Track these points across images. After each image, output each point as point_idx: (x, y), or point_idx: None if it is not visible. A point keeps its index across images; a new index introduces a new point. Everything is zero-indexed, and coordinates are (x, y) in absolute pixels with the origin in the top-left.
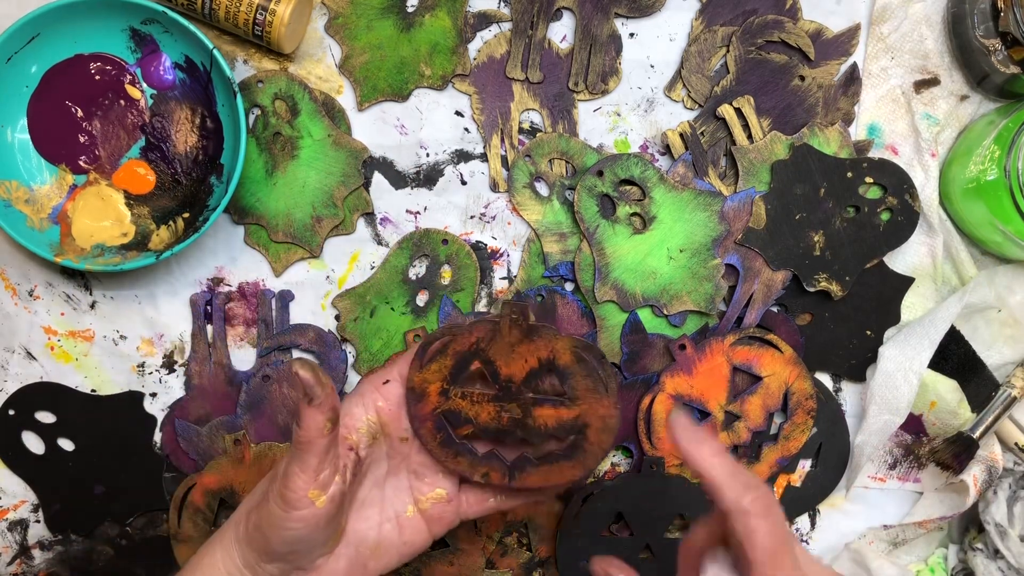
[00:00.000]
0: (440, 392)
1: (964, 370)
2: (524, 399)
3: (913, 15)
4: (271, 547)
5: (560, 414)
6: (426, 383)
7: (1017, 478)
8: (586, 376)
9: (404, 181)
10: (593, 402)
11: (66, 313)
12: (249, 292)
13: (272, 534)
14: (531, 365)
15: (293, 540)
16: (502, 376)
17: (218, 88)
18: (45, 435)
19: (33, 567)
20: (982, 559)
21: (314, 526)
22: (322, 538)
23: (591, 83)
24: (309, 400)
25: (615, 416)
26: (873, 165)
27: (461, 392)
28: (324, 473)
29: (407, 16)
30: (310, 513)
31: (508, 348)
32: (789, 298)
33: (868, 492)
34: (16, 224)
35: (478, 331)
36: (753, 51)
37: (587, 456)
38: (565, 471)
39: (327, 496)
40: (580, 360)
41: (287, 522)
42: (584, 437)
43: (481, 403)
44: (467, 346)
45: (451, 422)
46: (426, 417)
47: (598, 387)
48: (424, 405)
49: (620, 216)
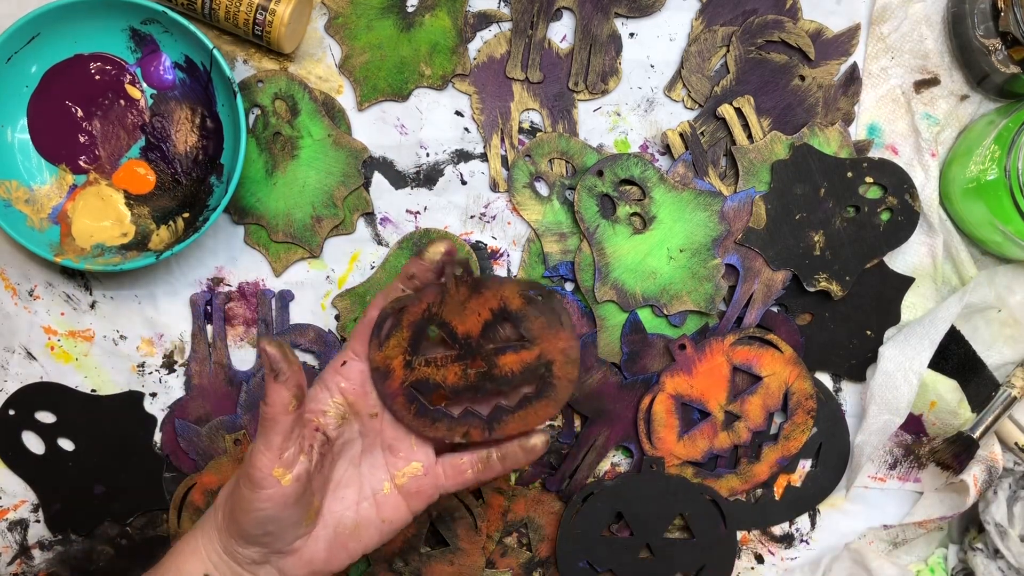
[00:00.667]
0: (404, 365)
1: (964, 370)
2: (486, 351)
3: (913, 15)
4: (244, 530)
5: (523, 357)
6: (388, 359)
7: (1017, 478)
8: (539, 315)
9: (404, 181)
10: (551, 338)
11: (66, 313)
12: (249, 292)
13: (242, 516)
14: (485, 318)
15: (263, 520)
16: (460, 335)
17: (218, 88)
18: (45, 435)
19: (33, 567)
20: (982, 559)
21: (281, 505)
22: (293, 518)
23: (591, 83)
24: (275, 375)
25: (575, 346)
26: (873, 165)
27: (424, 360)
28: (288, 452)
29: (407, 16)
30: (276, 492)
31: (459, 307)
32: (789, 298)
33: (868, 492)
34: (16, 224)
35: (427, 297)
36: (753, 51)
37: (557, 391)
38: (540, 411)
39: (292, 475)
40: (530, 301)
41: (255, 502)
42: (550, 373)
43: (446, 365)
44: (419, 314)
45: (421, 391)
46: (396, 392)
47: (552, 323)
48: (391, 381)
49: (620, 216)
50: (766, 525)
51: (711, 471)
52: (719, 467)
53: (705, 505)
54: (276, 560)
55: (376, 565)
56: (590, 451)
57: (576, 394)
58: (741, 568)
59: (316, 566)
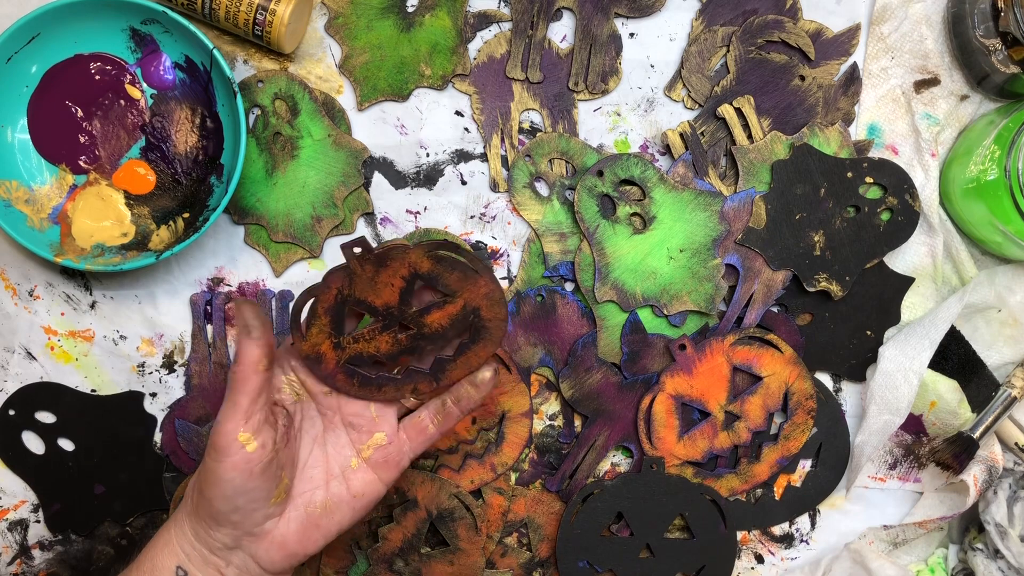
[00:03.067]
0: (334, 347)
1: (964, 370)
2: (410, 315)
3: (913, 15)
4: (213, 506)
5: (448, 311)
6: (316, 346)
7: (1017, 478)
8: (452, 270)
9: (404, 181)
10: (471, 287)
11: (66, 313)
12: (249, 292)
13: (209, 490)
14: (399, 286)
15: (231, 492)
16: (380, 307)
17: (218, 88)
18: (45, 435)
19: (33, 567)
20: (982, 559)
21: (247, 473)
22: (261, 492)
23: (591, 83)
24: (248, 331)
25: (496, 288)
26: (873, 165)
27: (352, 337)
28: (255, 417)
29: (407, 16)
30: (241, 459)
31: (370, 283)
32: (789, 298)
33: (868, 492)
34: (16, 224)
35: (334, 282)
36: (753, 51)
37: (491, 332)
38: (480, 352)
39: (258, 441)
40: (439, 260)
41: (220, 472)
42: (479, 318)
43: (375, 337)
44: (332, 299)
45: (358, 365)
46: (333, 372)
47: (468, 273)
48: (325, 364)
49: (620, 216)
50: (766, 525)
51: (711, 471)
52: (719, 467)
53: (705, 505)
54: (248, 544)
55: (376, 565)
56: (590, 451)
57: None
58: (741, 568)
59: (290, 548)
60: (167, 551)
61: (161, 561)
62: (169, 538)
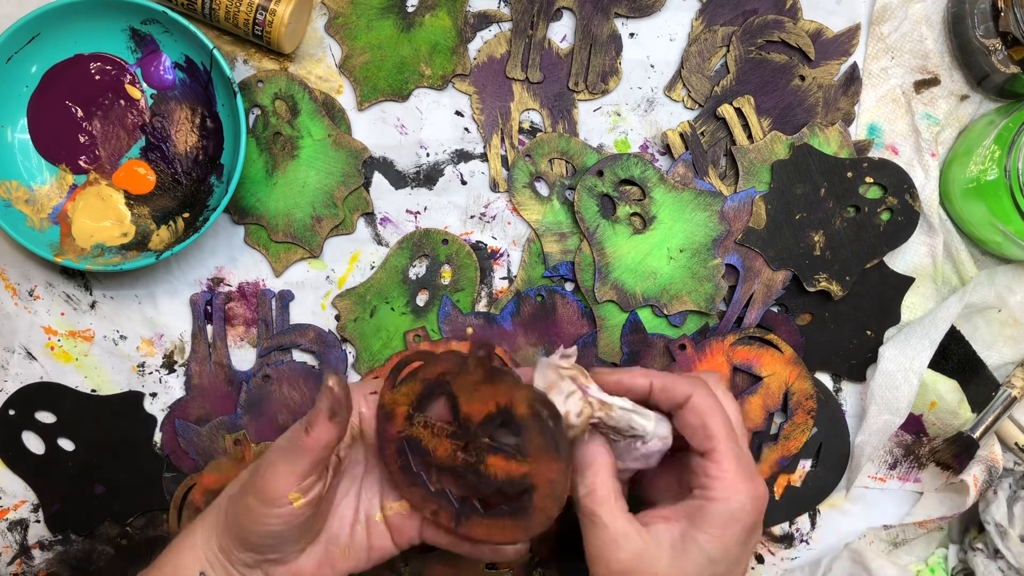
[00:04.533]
0: (406, 417)
1: (964, 370)
2: (479, 443)
3: (913, 15)
4: (246, 537)
5: (510, 467)
6: (395, 404)
7: (1017, 478)
8: (540, 433)
9: (404, 181)
10: (543, 462)
11: (66, 313)
12: (249, 292)
13: (247, 526)
14: (489, 409)
15: (267, 535)
16: (462, 413)
17: (218, 88)
18: (45, 435)
19: (33, 567)
20: (982, 559)
21: (289, 524)
22: (296, 535)
23: (591, 83)
24: (331, 415)
25: (563, 484)
26: (873, 165)
27: (424, 420)
28: (309, 479)
29: (407, 16)
30: (287, 512)
31: (471, 386)
32: (789, 298)
33: (868, 492)
34: (16, 224)
35: (446, 362)
36: (753, 51)
37: (531, 520)
38: (508, 529)
39: (306, 500)
40: (536, 415)
41: (263, 518)
42: (530, 499)
43: (441, 436)
44: (434, 375)
45: (412, 449)
46: (391, 439)
47: (550, 447)
48: (391, 426)
49: (620, 216)
50: (766, 525)
51: None
52: None
53: None
54: (267, 567)
55: None
56: None
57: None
58: None
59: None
60: (192, 555)
61: (186, 564)
62: (194, 543)
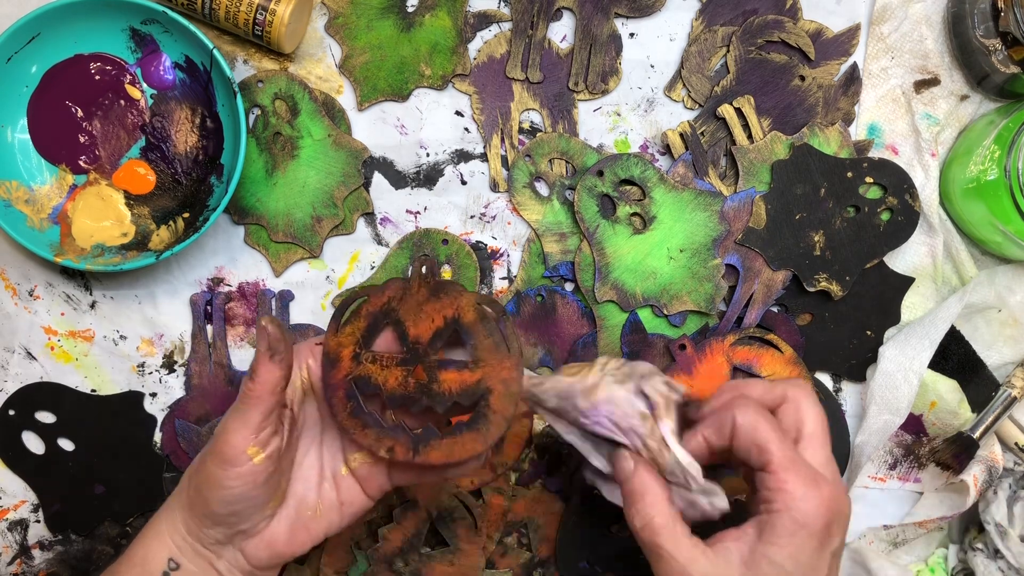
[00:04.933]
0: (352, 357)
1: (964, 370)
2: (430, 361)
3: (913, 15)
4: (211, 508)
5: (463, 377)
6: (340, 347)
7: (1017, 478)
8: (488, 335)
9: (404, 181)
10: (495, 363)
11: (66, 313)
12: (249, 292)
13: (211, 494)
14: (437, 324)
15: (232, 499)
16: (411, 337)
17: (218, 88)
18: (45, 435)
19: (33, 567)
20: (982, 559)
21: (251, 483)
22: (262, 498)
23: (591, 83)
24: (272, 354)
25: (517, 379)
26: (873, 165)
27: (372, 356)
28: (265, 431)
29: (407, 16)
30: (247, 470)
31: (417, 307)
32: (789, 298)
33: (868, 492)
34: (16, 224)
35: (390, 289)
36: (753, 51)
37: (490, 425)
38: (468, 444)
39: (265, 454)
40: (483, 317)
41: (224, 480)
42: (487, 404)
43: (390, 367)
44: (379, 305)
45: (361, 389)
46: (338, 384)
47: (500, 345)
48: (337, 371)
49: (620, 216)
50: None
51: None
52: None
53: None
54: (239, 541)
55: (376, 565)
56: None
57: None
58: None
59: (278, 547)
60: (158, 542)
61: (153, 552)
62: (160, 530)
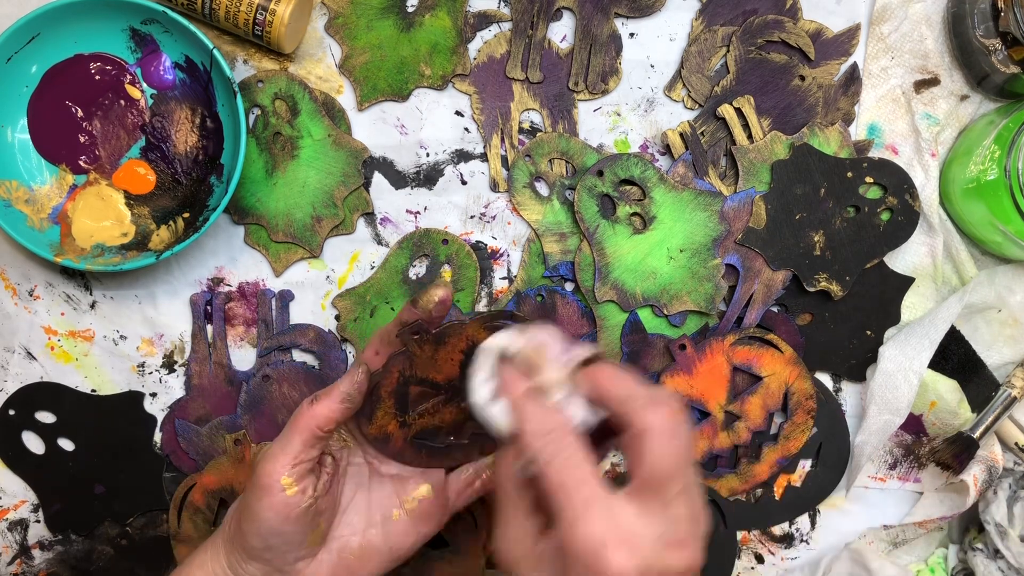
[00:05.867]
0: (400, 425)
1: (964, 370)
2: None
3: (913, 15)
4: (247, 541)
5: None
6: (382, 428)
7: (1017, 478)
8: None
9: (404, 181)
10: None
11: (66, 313)
12: (249, 292)
13: (247, 525)
14: (458, 360)
15: (265, 531)
16: (442, 382)
17: (218, 88)
18: (45, 435)
19: (33, 567)
20: (982, 559)
21: (284, 516)
22: (296, 535)
23: (591, 83)
24: (344, 398)
25: None
26: (873, 165)
27: (417, 414)
28: (302, 465)
29: (407, 16)
30: (280, 500)
31: (430, 361)
32: (789, 298)
33: (868, 492)
34: (16, 224)
35: (395, 367)
36: (753, 51)
37: None
38: None
39: (299, 487)
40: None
41: (259, 509)
42: None
43: (439, 411)
44: (394, 383)
45: (426, 438)
46: (402, 449)
47: None
48: (393, 443)
49: (620, 216)
50: (766, 525)
51: (711, 471)
52: (719, 467)
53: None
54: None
55: None
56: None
57: None
58: (741, 568)
59: None
60: (201, 572)
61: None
62: (204, 560)
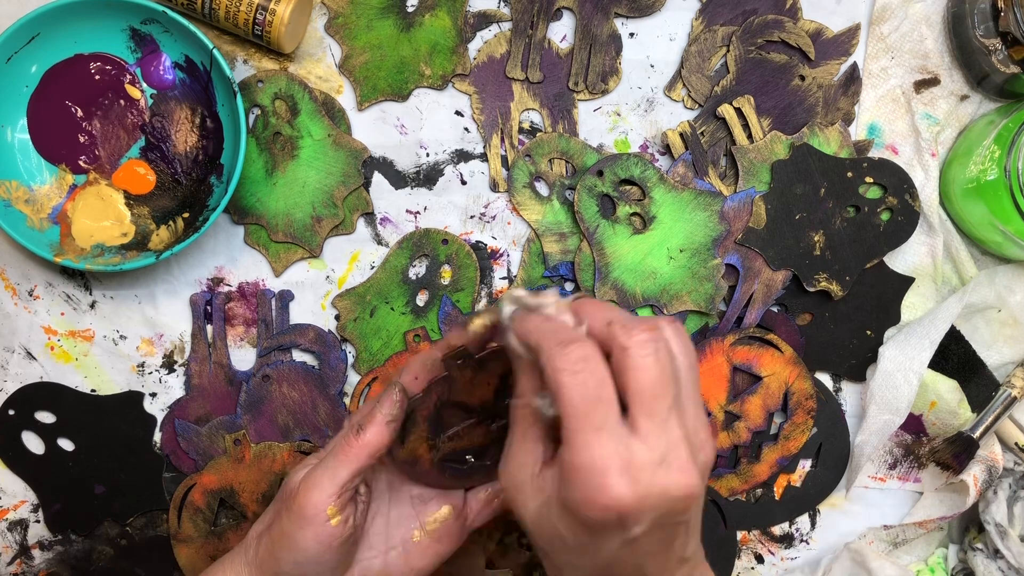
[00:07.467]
0: (429, 448)
1: (964, 370)
2: (503, 406)
3: (913, 15)
4: (281, 568)
5: None
6: (413, 451)
7: (1017, 478)
8: None
9: (404, 181)
10: None
11: (66, 313)
12: (249, 292)
13: (283, 554)
14: (495, 385)
15: (304, 560)
16: (476, 406)
17: (218, 88)
18: (45, 435)
19: (33, 567)
20: (982, 559)
21: (326, 546)
22: (333, 563)
23: (591, 83)
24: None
25: None
26: (873, 165)
27: (447, 437)
28: (347, 494)
29: (407, 16)
30: (324, 531)
31: (468, 385)
32: (789, 298)
33: (868, 492)
34: (16, 224)
35: (435, 392)
36: (753, 51)
37: None
38: None
39: (343, 516)
40: None
41: (300, 539)
42: None
43: (472, 434)
44: (432, 407)
45: (454, 461)
46: (428, 471)
47: None
48: (421, 465)
49: (620, 216)
50: (766, 525)
51: (711, 471)
52: (719, 467)
53: (705, 505)
54: None
55: None
56: None
57: None
58: (741, 568)
59: None
60: None
61: None
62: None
